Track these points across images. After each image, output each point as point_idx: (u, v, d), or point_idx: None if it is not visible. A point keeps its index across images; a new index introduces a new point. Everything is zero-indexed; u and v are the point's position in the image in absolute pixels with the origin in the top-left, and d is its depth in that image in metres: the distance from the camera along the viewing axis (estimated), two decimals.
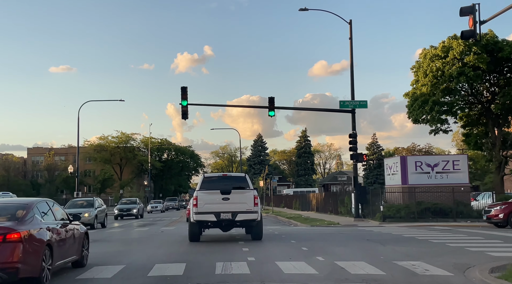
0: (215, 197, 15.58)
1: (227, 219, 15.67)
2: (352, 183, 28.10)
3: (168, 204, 69.46)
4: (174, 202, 72.05)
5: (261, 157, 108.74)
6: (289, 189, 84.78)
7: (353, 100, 28.00)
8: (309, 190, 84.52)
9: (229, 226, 16.66)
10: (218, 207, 15.54)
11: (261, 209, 18.33)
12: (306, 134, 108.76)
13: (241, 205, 15.63)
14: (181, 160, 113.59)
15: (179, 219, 38.24)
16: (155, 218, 39.75)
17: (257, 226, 16.29)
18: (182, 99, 27.17)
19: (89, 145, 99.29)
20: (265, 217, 40.98)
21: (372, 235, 17.59)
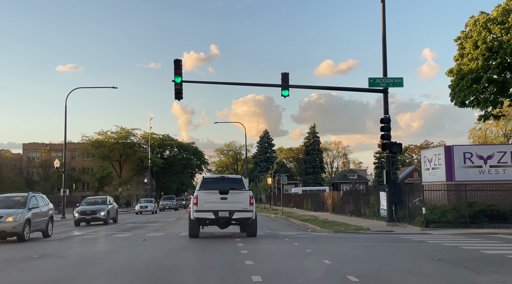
0: (214, 197, 16.81)
1: (224, 217, 16.90)
2: (385, 179, 22.86)
3: (165, 203, 60.79)
4: (171, 201, 62.09)
5: (267, 154, 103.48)
6: (298, 188, 79.60)
7: (385, 77, 22.79)
8: (319, 188, 79.48)
9: (226, 223, 17.80)
10: (216, 206, 16.77)
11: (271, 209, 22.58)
12: (315, 131, 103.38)
13: (238, 204, 16.87)
14: (184, 157, 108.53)
15: (175, 221, 33.14)
16: (140, 222, 32.46)
17: (252, 224, 17.62)
18: (175, 75, 22.10)
19: (87, 140, 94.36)
20: (275, 219, 35.82)
21: (435, 250, 12.41)
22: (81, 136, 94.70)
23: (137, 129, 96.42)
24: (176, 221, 32.89)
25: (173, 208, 60.72)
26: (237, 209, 16.87)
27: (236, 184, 17.77)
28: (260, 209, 54.73)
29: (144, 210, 48.67)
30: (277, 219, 35.52)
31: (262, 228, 25.26)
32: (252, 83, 23.22)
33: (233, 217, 16.95)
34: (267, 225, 27.50)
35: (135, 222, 32.44)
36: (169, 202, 61.34)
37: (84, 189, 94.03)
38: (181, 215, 43.22)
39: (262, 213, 44.91)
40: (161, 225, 27.62)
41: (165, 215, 42.81)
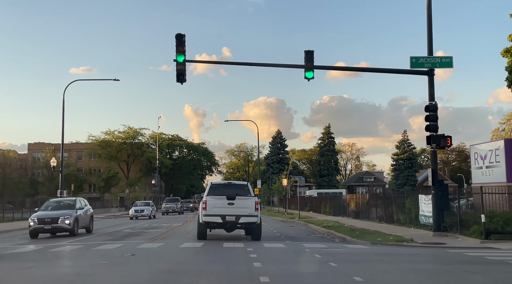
0: (222, 202, 17.61)
1: (231, 221, 17.64)
2: (430, 179, 18.83)
3: (168, 206, 54.18)
4: (176, 204, 54.84)
5: (280, 155, 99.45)
6: (313, 190, 75.50)
7: (431, 56, 18.82)
8: (335, 191, 75.47)
9: (233, 227, 18.38)
10: (224, 211, 17.57)
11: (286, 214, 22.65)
12: (329, 131, 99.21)
13: (244, 210, 17.61)
14: (194, 158, 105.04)
15: (180, 226, 29.39)
16: (140, 227, 27.97)
17: (256, 228, 18.29)
18: (177, 53, 18.37)
19: (94, 140, 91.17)
20: (292, 224, 31.90)
21: None
22: (87, 136, 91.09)
23: (145, 129, 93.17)
24: (180, 226, 29.15)
25: (178, 211, 54.27)
26: (243, 214, 17.67)
27: (242, 190, 18.59)
28: (274, 212, 50.83)
29: (140, 214, 41.91)
30: (295, 224, 31.65)
31: (280, 236, 21.42)
32: (270, 64, 19.37)
33: (240, 221, 17.76)
34: (285, 233, 23.65)
35: (134, 227, 28.71)
36: (173, 204, 54.77)
37: (90, 191, 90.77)
38: (188, 219, 39.39)
39: (277, 218, 40.98)
40: (161, 232, 23.89)
41: (170, 219, 38.88)
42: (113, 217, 48.64)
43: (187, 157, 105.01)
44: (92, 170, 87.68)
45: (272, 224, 31.58)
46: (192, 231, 24.39)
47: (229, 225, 18.05)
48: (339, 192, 75.64)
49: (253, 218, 17.77)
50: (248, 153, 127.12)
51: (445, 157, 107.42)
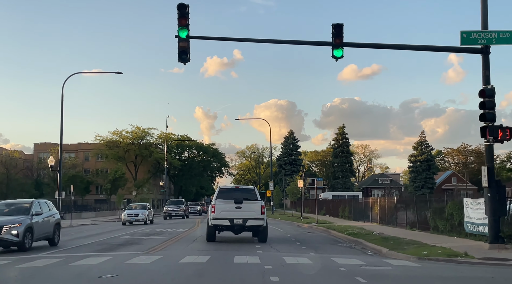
0: (230, 206, 18.58)
1: (239, 224, 18.58)
2: (485, 179, 15.45)
3: (170, 209, 48.28)
4: (179, 206, 48.83)
5: (292, 156, 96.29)
6: (327, 193, 72.28)
7: (485, 31, 15.55)
8: (350, 194, 72.11)
9: (240, 230, 19.27)
10: (232, 214, 18.49)
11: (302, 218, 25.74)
12: (343, 132, 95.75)
13: (251, 213, 18.57)
14: (203, 159, 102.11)
15: (185, 232, 26.27)
16: (140, 233, 25.06)
17: (263, 231, 19.28)
18: (179, 27, 15.37)
19: (101, 140, 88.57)
20: (311, 230, 28.68)
21: None
22: (94, 136, 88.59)
23: (153, 129, 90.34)
24: (186, 232, 26.04)
25: (182, 215, 48.14)
26: (250, 217, 18.47)
27: (249, 194, 19.31)
28: (288, 216, 47.60)
29: (134, 219, 36.09)
30: (313, 230, 28.44)
31: (301, 246, 18.23)
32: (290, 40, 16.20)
33: (247, 224, 18.60)
34: (305, 241, 20.43)
35: (134, 233, 25.65)
36: (175, 207, 48.52)
37: (98, 192, 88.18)
38: (196, 223, 36.24)
39: (292, 222, 37.78)
40: (163, 240, 20.80)
41: (173, 225, 35.61)
42: (116, 220, 45.77)
43: (197, 158, 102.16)
44: (99, 171, 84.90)
45: (289, 230, 28.39)
46: (198, 238, 21.31)
47: (236, 228, 18.95)
48: (355, 195, 72.24)
49: (259, 221, 18.69)
50: (259, 154, 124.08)
51: (463, 159, 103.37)
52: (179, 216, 48.24)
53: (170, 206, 49.50)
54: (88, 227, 34.78)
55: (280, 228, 29.75)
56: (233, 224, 18.49)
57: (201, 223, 34.89)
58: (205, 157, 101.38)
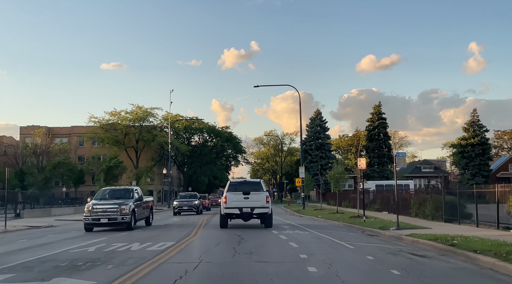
0: (239, 197, 21.44)
1: (247, 212, 21.54)
2: None
3: (182, 203, 39.16)
4: (192, 200, 39.58)
5: (320, 139, 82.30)
6: (370, 182, 58.36)
7: None
8: (400, 183, 58.22)
9: (248, 217, 22.26)
10: (241, 204, 21.42)
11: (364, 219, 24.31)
12: (380, 111, 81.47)
13: (257, 202, 21.45)
14: (216, 144, 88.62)
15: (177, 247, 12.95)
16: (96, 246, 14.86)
17: (268, 217, 21.98)
18: None
19: (97, 122, 75.60)
20: (420, 250, 14.55)
21: None
22: (88, 118, 75.57)
23: (157, 109, 77.00)
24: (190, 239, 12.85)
25: (196, 210, 39.05)
26: (256, 206, 21.40)
27: (256, 186, 22.07)
28: (329, 213, 33.96)
29: (99, 222, 21.06)
30: (431, 256, 14.46)
31: None
32: None
33: (254, 212, 21.53)
34: None
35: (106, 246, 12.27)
36: (187, 201, 39.37)
37: (94, 183, 75.11)
38: (198, 227, 23.35)
39: (351, 225, 23.86)
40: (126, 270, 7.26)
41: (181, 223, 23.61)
42: None
43: (209, 143, 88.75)
44: (95, 158, 71.72)
45: (384, 257, 14.54)
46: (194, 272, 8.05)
47: (245, 215, 21.79)
48: (404, 184, 58.46)
49: (265, 209, 21.51)
50: (279, 140, 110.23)
51: None
52: (194, 211, 39.14)
53: (181, 200, 40.15)
54: (37, 231, 23.54)
55: (351, 244, 16.03)
56: (242, 212, 21.46)
57: (202, 228, 21.94)
58: (219, 142, 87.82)
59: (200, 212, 39.88)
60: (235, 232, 19.71)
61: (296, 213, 40.39)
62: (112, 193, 23.44)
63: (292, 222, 27.34)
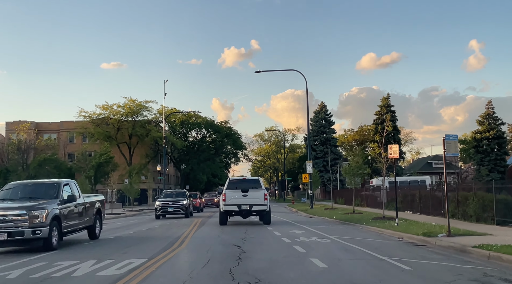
0: (238, 194, 21.83)
1: (245, 209, 21.90)
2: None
3: (165, 203, 31.49)
4: (181, 200, 31.89)
5: (325, 134, 77.51)
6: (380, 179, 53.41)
7: None
8: (414, 179, 53.67)
9: (247, 214, 22.56)
10: (239, 201, 21.79)
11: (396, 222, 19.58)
12: (388, 104, 76.67)
13: (255, 200, 21.83)
14: (215, 140, 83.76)
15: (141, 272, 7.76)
16: None
17: (266, 214, 22.33)
18: None
19: (87, 116, 70.77)
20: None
21: None
22: (78, 112, 70.69)
23: (151, 102, 72.06)
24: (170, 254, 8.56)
25: (185, 212, 31.27)
26: (255, 203, 21.80)
27: (255, 184, 22.47)
28: (342, 213, 29.29)
29: None
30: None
31: None
32: None
33: (252, 209, 21.92)
34: None
35: None
36: (174, 201, 31.68)
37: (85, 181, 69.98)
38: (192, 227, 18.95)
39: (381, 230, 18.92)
40: None
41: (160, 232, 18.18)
42: None
43: (207, 138, 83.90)
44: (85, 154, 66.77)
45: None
46: None
47: (244, 212, 22.13)
48: (420, 181, 53.57)
49: (263, 206, 21.90)
50: (280, 137, 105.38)
51: None
52: (181, 213, 31.23)
53: (165, 199, 32.14)
54: None
55: (402, 262, 11.26)
56: (241, 209, 21.80)
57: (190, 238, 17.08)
58: (217, 137, 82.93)
59: (190, 214, 32.33)
60: (233, 241, 14.97)
61: (304, 213, 35.65)
62: (24, 190, 14.94)
63: (304, 224, 22.58)
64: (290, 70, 60.57)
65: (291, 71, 74.72)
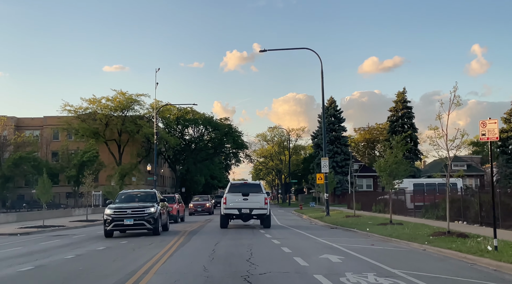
0: (238, 198, 22.05)
1: (246, 213, 22.13)
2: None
3: (119, 212, 18.82)
4: (145, 208, 19.07)
5: (334, 132, 70.50)
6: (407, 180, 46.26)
7: None
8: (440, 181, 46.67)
9: (248, 218, 22.88)
10: (240, 205, 22.03)
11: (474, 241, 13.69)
12: (404, 99, 69.84)
13: (256, 204, 22.03)
14: (213, 138, 76.74)
15: None
16: None
17: (266, 218, 22.58)
18: None
19: (73, 111, 63.93)
20: None
21: None
22: (62, 106, 63.74)
23: (144, 96, 65.26)
24: None
25: (152, 225, 19.02)
26: (255, 207, 21.98)
27: (255, 188, 22.74)
28: (375, 224, 22.46)
29: None
30: None
31: None
32: None
33: (253, 213, 22.12)
34: None
35: None
36: (134, 209, 18.98)
37: (69, 182, 62.78)
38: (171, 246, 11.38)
39: (465, 257, 11.69)
40: None
41: None
42: None
43: (205, 136, 76.94)
44: (63, 153, 59.80)
45: None
46: None
47: (244, 216, 22.41)
48: (452, 183, 46.50)
49: (263, 210, 22.06)
50: (284, 137, 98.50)
51: None
52: (142, 227, 19.27)
53: (119, 206, 19.56)
54: None
55: None
56: (241, 212, 21.97)
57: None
58: (217, 135, 75.85)
59: (158, 229, 19.37)
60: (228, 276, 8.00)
61: (320, 221, 28.76)
62: None
63: (333, 242, 15.57)
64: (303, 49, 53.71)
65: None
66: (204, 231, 21.63)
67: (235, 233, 19.88)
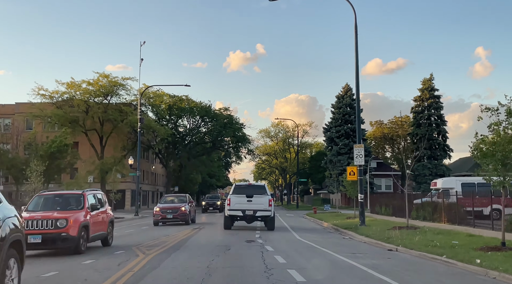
0: (243, 199, 22.21)
1: (250, 214, 22.24)
2: None
3: None
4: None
5: (350, 124, 61.22)
6: (449, 179, 36.84)
7: None
8: (482, 181, 36.84)
9: (251, 219, 22.95)
10: (244, 206, 22.13)
11: None
12: (432, 86, 60.74)
13: (260, 205, 22.15)
14: (211, 130, 67.31)
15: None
16: None
17: (270, 220, 22.64)
18: None
19: (47, 96, 54.70)
20: None
21: None
22: (35, 90, 54.38)
23: (130, 79, 55.92)
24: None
25: None
26: (259, 209, 22.09)
27: (260, 190, 22.98)
28: (446, 238, 13.08)
29: None
30: None
31: None
32: None
33: (257, 214, 22.24)
34: None
35: None
36: None
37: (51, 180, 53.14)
38: None
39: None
40: None
41: None
42: None
43: (201, 128, 67.61)
44: (29, 144, 50.30)
45: None
46: None
47: (248, 218, 22.51)
48: None
49: (267, 212, 22.15)
50: (289, 133, 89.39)
51: None
52: None
53: None
54: None
55: None
56: (245, 214, 22.15)
57: None
58: (215, 127, 66.39)
59: None
60: None
61: (355, 233, 19.61)
62: None
63: None
64: None
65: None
66: None
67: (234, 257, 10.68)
